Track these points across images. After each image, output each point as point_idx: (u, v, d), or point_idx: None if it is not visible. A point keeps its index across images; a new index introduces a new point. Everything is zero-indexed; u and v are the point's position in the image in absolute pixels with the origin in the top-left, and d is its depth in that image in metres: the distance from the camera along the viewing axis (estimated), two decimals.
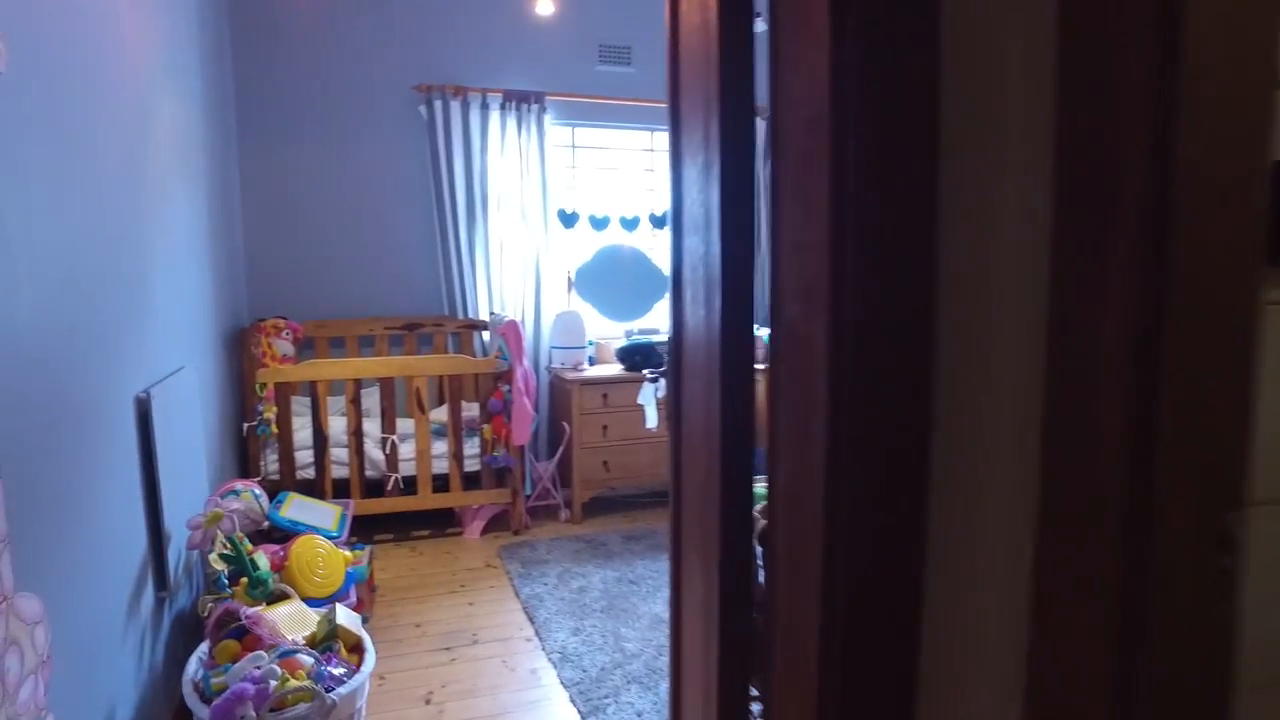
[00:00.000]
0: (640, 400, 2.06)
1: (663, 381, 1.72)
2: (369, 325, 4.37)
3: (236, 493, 3.00)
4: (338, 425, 3.81)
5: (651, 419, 2.01)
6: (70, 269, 1.78)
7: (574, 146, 4.84)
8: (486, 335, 4.51)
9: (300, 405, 4.07)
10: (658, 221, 4.92)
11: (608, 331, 4.82)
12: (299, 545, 2.54)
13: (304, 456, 3.78)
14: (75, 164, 1.83)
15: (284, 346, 3.94)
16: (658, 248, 4.98)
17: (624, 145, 4.97)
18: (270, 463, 3.73)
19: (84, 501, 1.81)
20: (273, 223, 4.26)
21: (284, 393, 3.65)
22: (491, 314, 4.45)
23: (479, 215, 4.47)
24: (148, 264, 2.40)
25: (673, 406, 1.70)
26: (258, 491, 3.06)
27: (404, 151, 4.44)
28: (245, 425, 3.63)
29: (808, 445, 1.08)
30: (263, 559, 2.59)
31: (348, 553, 2.70)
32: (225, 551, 2.38)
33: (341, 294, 4.39)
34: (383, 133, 4.40)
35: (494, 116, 4.47)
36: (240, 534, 2.62)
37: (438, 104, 4.34)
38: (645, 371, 1.74)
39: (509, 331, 3.92)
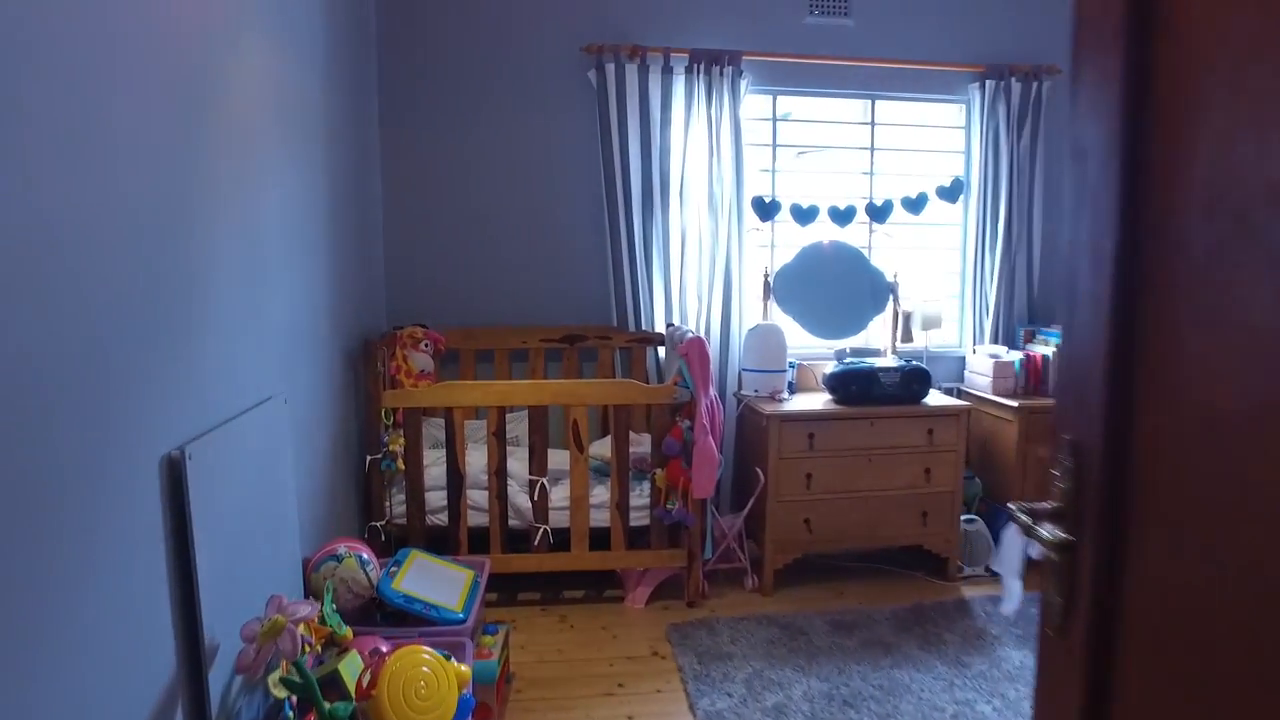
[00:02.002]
0: (996, 567, 1.11)
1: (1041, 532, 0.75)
2: (522, 336, 3.64)
3: (338, 557, 2.33)
4: (477, 460, 3.08)
5: (1016, 597, 1.09)
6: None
7: (774, 119, 3.90)
8: (662, 351, 3.66)
9: (437, 430, 3.39)
10: (876, 213, 3.88)
11: (811, 349, 3.84)
12: (395, 662, 1.78)
13: (436, 498, 3.08)
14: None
15: (421, 360, 3.27)
16: (879, 246, 3.94)
17: (838, 117, 3.97)
18: (397, 504, 3.06)
19: (51, 623, 1.15)
20: (416, 213, 3.61)
21: (415, 419, 2.97)
22: (669, 326, 3.59)
23: (657, 204, 3.63)
24: (203, 271, 1.72)
25: (1088, 583, 0.74)
26: (365, 556, 2.37)
27: (569, 126, 3.66)
28: (368, 458, 2.98)
29: None
30: (353, 666, 1.86)
31: (464, 666, 1.92)
32: (289, 676, 1.65)
33: (492, 298, 3.67)
34: (545, 104, 3.64)
35: (678, 82, 3.61)
36: (330, 633, 1.90)
37: (610, 68, 3.53)
38: (1013, 508, 0.78)
39: (692, 351, 3.04)
